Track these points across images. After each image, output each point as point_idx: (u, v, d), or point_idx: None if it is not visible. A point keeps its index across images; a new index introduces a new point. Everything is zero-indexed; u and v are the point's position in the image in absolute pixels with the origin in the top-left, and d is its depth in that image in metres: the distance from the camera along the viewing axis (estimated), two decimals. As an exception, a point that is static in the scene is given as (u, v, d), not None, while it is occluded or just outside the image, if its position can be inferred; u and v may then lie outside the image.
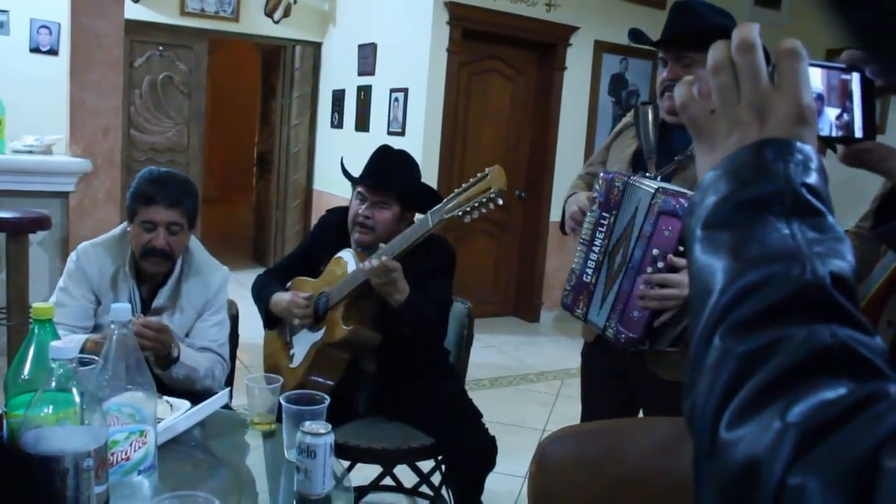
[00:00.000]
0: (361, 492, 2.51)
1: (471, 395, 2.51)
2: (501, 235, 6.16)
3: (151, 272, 2.22)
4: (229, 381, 2.36)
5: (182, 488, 1.24)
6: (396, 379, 2.39)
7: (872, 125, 0.69)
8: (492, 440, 2.33)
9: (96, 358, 1.39)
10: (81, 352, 1.82)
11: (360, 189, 2.39)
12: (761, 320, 0.48)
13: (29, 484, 1.06)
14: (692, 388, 0.51)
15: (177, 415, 1.70)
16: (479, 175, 2.10)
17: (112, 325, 1.28)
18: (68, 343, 1.10)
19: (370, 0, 6.24)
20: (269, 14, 6.61)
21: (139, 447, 1.29)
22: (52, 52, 5.52)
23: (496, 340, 5.47)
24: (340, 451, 2.07)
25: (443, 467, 2.51)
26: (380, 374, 2.40)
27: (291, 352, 2.45)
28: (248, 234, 8.17)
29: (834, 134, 0.67)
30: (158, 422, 1.47)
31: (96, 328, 2.21)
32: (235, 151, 11.19)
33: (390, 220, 2.36)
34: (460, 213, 2.10)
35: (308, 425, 1.47)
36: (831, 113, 0.67)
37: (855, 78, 0.68)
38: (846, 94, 0.67)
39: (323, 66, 7.00)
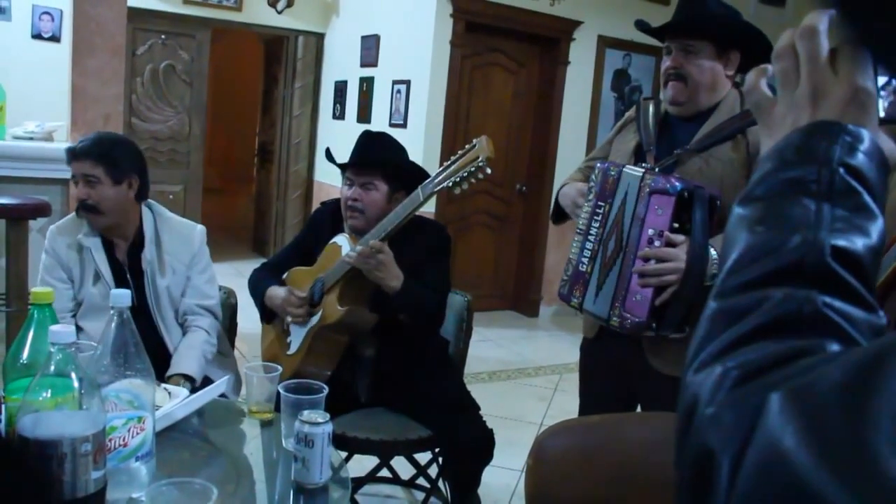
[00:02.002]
0: (358, 483, 2.51)
1: (469, 388, 2.51)
2: (501, 229, 6.16)
3: (95, 226, 2.32)
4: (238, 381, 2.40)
5: (179, 475, 1.24)
6: (396, 363, 2.39)
7: None
8: (489, 433, 2.33)
9: (94, 344, 1.39)
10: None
11: (347, 174, 2.41)
12: (752, 284, 0.51)
13: (26, 468, 1.06)
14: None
15: (175, 402, 1.70)
16: (466, 147, 2.13)
17: (111, 311, 1.28)
18: (66, 328, 1.10)
19: (374, -9, 6.23)
20: (272, 4, 6.59)
21: (137, 433, 1.29)
22: (54, 38, 5.49)
23: (495, 334, 5.47)
24: (338, 441, 2.07)
25: (440, 459, 2.51)
26: (378, 358, 2.41)
27: (288, 339, 2.46)
28: (249, 224, 8.16)
29: (886, 110, 0.67)
30: (157, 409, 1.47)
31: (78, 305, 2.34)
32: (236, 142, 11.17)
33: (380, 200, 2.36)
34: (450, 184, 2.13)
35: (306, 414, 1.47)
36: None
37: None
38: None
39: (325, 56, 6.98)
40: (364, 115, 6.19)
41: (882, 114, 0.66)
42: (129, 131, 5.92)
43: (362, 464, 2.61)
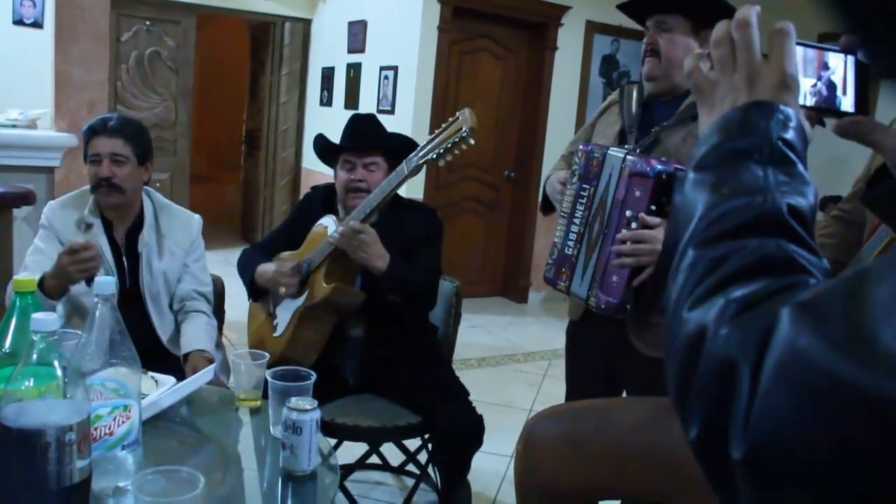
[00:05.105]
0: (348, 470, 2.52)
1: (458, 374, 2.51)
2: (490, 215, 6.15)
3: (106, 205, 2.32)
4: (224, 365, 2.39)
5: (166, 464, 1.23)
6: (384, 345, 2.38)
7: (864, 101, 0.80)
8: (479, 418, 2.33)
9: (79, 333, 1.38)
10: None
11: (345, 157, 2.40)
12: (726, 236, 0.60)
13: (10, 458, 1.05)
14: (668, 289, 0.63)
15: (162, 390, 1.69)
16: (450, 119, 2.14)
17: (95, 298, 1.26)
18: (49, 316, 1.08)
19: (360, -24, 6.18)
20: (258, -11, 6.53)
21: (123, 422, 1.28)
22: (37, 24, 5.43)
23: (483, 321, 5.48)
24: (327, 428, 2.07)
25: (429, 446, 2.51)
26: (367, 340, 2.40)
27: (275, 322, 2.45)
28: (236, 212, 8.12)
29: (813, 104, 0.78)
30: (143, 398, 1.46)
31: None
32: (223, 129, 11.09)
33: (382, 180, 2.36)
34: (434, 156, 2.13)
35: (294, 401, 1.46)
36: (807, 84, 0.77)
37: (849, 60, 0.78)
38: (821, 70, 0.78)
39: (312, 43, 6.93)
40: (351, 101, 6.16)
41: (812, 102, 0.78)
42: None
43: (352, 451, 2.61)
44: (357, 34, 6.08)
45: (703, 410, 0.53)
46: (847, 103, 0.79)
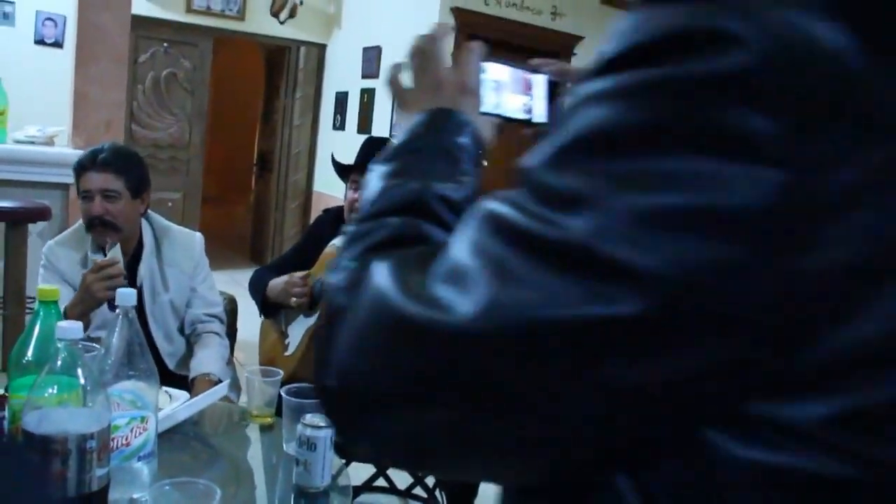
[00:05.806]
0: (354, 492, 2.50)
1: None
2: (500, 242, 6.16)
3: (101, 243, 2.22)
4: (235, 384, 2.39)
5: (180, 477, 1.23)
6: None
7: (553, 113, 0.91)
8: (488, 443, 2.32)
9: (97, 346, 1.39)
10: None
11: (353, 177, 2.43)
12: (378, 215, 0.67)
13: (31, 464, 1.06)
14: None
15: (176, 404, 1.69)
16: None
17: (117, 311, 1.28)
18: (73, 324, 1.10)
19: (376, 3, 6.25)
20: (275, 14, 6.63)
21: (140, 433, 1.29)
22: (57, 44, 5.52)
23: (491, 347, 5.46)
24: (335, 449, 2.07)
25: (437, 469, 2.50)
26: None
27: (287, 341, 2.46)
28: (246, 233, 8.15)
29: (518, 116, 0.88)
30: (158, 411, 1.47)
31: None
32: (236, 151, 11.17)
33: None
34: None
35: (309, 418, 1.47)
36: (517, 100, 0.87)
37: (542, 79, 0.90)
38: (528, 88, 0.89)
39: (327, 67, 7.01)
40: (364, 126, 6.21)
41: (524, 115, 0.89)
42: (130, 138, 5.93)
43: (358, 473, 2.60)
44: (371, 60, 6.14)
45: (321, 355, 0.59)
46: (540, 115, 0.91)
